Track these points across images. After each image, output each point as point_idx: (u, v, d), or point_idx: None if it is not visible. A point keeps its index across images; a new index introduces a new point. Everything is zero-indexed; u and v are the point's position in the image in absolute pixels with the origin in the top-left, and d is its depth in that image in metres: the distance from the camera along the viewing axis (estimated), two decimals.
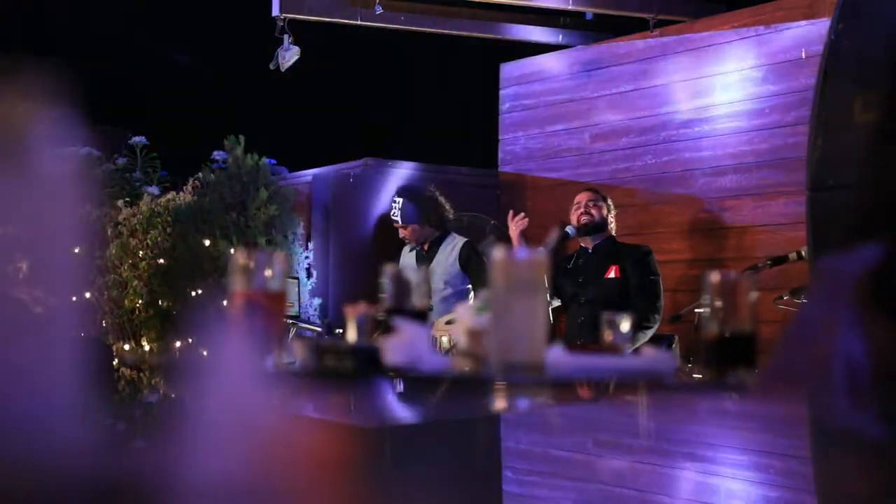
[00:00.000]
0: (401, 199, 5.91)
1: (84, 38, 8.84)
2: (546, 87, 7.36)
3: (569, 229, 5.49)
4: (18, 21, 8.56)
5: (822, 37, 5.64)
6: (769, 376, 1.48)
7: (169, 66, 9.31)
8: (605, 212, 5.59)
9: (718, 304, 1.72)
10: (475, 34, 7.40)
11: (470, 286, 5.77)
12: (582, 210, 5.55)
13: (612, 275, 5.43)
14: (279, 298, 1.85)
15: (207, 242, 6.59)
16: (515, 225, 5.56)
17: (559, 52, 7.34)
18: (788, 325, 1.49)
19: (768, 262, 4.92)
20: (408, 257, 6.03)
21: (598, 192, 5.71)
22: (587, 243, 5.57)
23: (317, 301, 6.83)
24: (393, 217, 5.95)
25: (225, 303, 1.82)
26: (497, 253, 1.69)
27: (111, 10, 8.89)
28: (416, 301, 1.88)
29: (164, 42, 9.46)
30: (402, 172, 7.30)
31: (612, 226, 5.63)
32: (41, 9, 8.92)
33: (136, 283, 6.84)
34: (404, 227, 5.92)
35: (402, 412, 1.80)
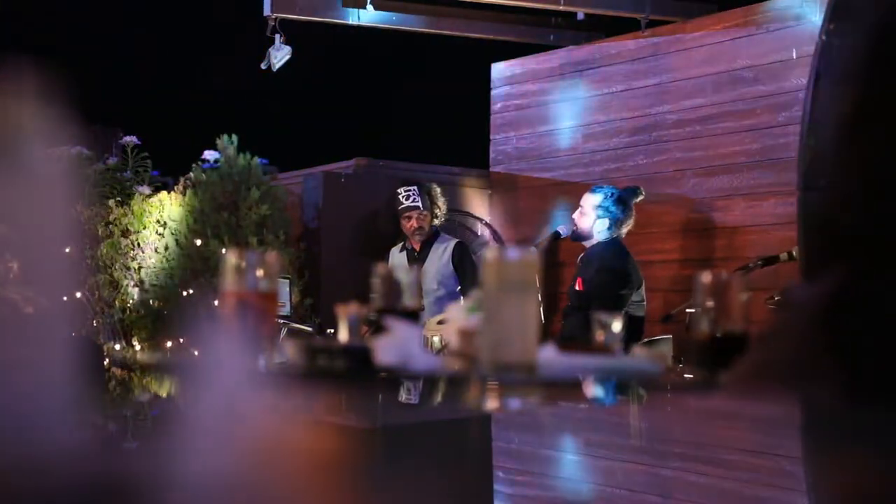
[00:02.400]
0: (415, 186, 5.91)
1: (76, 38, 8.82)
2: (537, 87, 7.36)
3: (560, 229, 5.43)
4: (9, 21, 8.54)
5: (814, 37, 5.65)
6: (743, 375, 1.49)
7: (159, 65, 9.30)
8: (588, 220, 5.31)
9: (710, 304, 1.72)
10: (466, 34, 7.40)
11: (462, 287, 5.76)
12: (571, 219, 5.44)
13: (576, 286, 5.28)
14: (270, 298, 1.85)
15: (199, 242, 6.58)
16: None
17: (550, 52, 7.35)
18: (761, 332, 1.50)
19: (759, 262, 4.92)
20: (398, 258, 6.02)
21: (593, 195, 5.42)
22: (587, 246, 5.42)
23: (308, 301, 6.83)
24: (412, 204, 5.90)
25: (216, 303, 1.82)
26: (488, 253, 1.69)
27: (103, 9, 8.87)
28: (408, 301, 1.88)
29: (158, 41, 9.44)
30: (392, 172, 7.30)
31: (603, 229, 5.32)
32: (32, 9, 8.90)
33: (126, 282, 6.83)
34: (422, 214, 5.89)
35: (394, 412, 1.80)
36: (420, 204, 5.86)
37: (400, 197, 5.93)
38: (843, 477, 0.82)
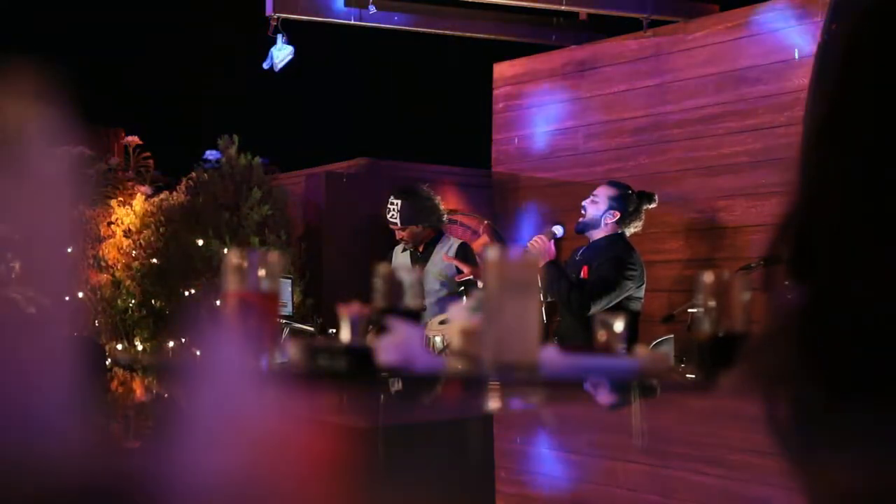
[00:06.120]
0: (399, 201, 5.79)
1: (77, 38, 8.83)
2: (539, 86, 7.36)
3: (556, 229, 5.38)
4: (10, 20, 8.54)
5: (815, 37, 5.66)
6: (734, 386, 1.49)
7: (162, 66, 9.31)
8: (599, 209, 5.27)
9: (711, 304, 1.72)
10: (468, 34, 7.40)
11: (464, 287, 5.75)
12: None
13: (581, 275, 5.22)
14: (272, 298, 1.85)
15: (200, 242, 6.59)
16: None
17: (552, 51, 7.35)
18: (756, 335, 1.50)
19: (761, 262, 4.91)
20: (401, 257, 6.01)
21: (610, 187, 5.35)
22: (591, 238, 5.34)
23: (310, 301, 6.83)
24: (391, 219, 5.83)
25: (218, 303, 1.83)
26: (491, 253, 1.69)
27: (104, 8, 8.88)
28: (410, 301, 1.88)
29: (160, 40, 9.44)
30: (394, 172, 7.30)
31: (612, 222, 5.25)
32: (34, 7, 8.91)
33: (128, 282, 6.84)
34: (403, 229, 5.83)
35: (395, 412, 1.80)
36: (398, 220, 5.79)
37: (387, 205, 5.88)
38: (832, 479, 0.83)
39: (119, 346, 6.70)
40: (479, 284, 1.75)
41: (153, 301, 6.81)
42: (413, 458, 1.30)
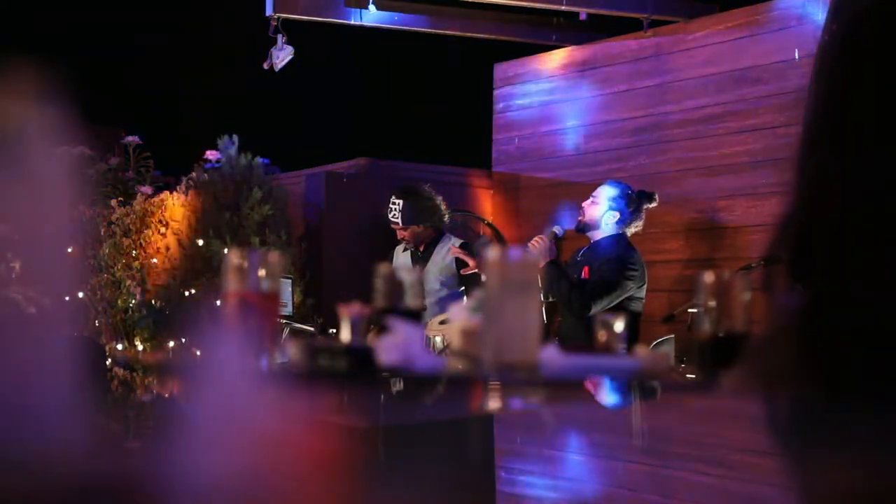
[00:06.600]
0: (400, 201, 5.80)
1: (77, 38, 8.83)
2: (540, 86, 7.36)
3: (556, 229, 5.38)
4: (10, 20, 8.54)
5: (816, 37, 5.66)
6: (735, 386, 1.49)
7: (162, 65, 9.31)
8: (598, 210, 5.27)
9: (712, 304, 1.72)
10: (469, 34, 7.40)
11: (464, 287, 5.75)
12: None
13: (582, 276, 5.21)
14: (272, 298, 1.85)
15: (200, 242, 6.59)
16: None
17: (553, 51, 7.35)
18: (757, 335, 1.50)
19: (761, 262, 4.89)
20: (402, 257, 6.01)
21: (609, 188, 5.34)
22: (592, 239, 5.33)
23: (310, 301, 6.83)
24: (392, 219, 5.84)
25: (218, 303, 1.82)
26: (491, 253, 1.68)
27: (104, 8, 8.88)
28: (410, 301, 1.88)
29: (160, 40, 9.44)
30: (394, 172, 7.31)
31: (612, 222, 5.27)
32: (34, 7, 8.91)
33: (129, 282, 6.84)
34: (404, 229, 5.83)
35: (396, 412, 1.80)
36: (400, 220, 5.79)
37: (389, 205, 5.88)
38: (831, 478, 0.83)
39: (119, 346, 6.70)
40: (484, 279, 1.74)
41: (153, 301, 6.81)
42: (413, 458, 1.30)
